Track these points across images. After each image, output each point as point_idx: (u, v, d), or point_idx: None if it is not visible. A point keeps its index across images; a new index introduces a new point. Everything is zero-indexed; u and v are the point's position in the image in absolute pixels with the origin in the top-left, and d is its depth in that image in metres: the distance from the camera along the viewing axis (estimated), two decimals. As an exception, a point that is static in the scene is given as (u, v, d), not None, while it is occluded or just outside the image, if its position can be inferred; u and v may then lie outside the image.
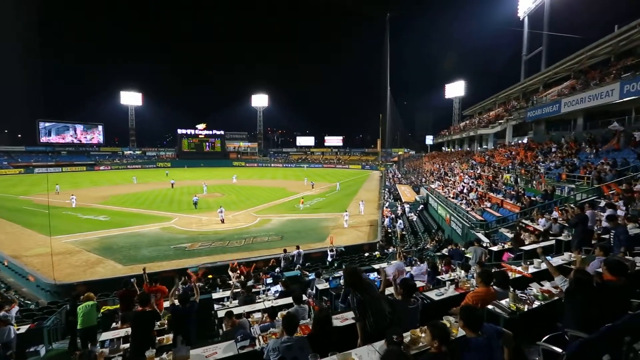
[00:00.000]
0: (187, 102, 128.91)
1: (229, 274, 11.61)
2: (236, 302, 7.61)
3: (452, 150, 52.85)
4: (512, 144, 29.39)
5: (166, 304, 7.03)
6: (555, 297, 4.16)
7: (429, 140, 77.65)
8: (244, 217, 24.35)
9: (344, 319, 4.23)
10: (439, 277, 7.04)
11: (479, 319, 2.92)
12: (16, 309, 6.84)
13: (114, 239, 18.63)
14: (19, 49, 75.09)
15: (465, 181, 24.29)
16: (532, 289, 4.46)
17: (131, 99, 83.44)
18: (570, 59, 23.56)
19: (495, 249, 9.65)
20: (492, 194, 18.56)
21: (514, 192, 16.29)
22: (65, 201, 27.78)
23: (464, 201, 19.95)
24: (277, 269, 12.86)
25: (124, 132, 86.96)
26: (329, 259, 14.81)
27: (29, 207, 27.40)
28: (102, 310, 7.96)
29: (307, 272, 11.07)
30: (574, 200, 12.14)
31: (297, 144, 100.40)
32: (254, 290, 8.38)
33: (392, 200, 32.08)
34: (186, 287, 8.77)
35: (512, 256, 8.45)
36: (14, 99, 79.78)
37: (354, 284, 3.66)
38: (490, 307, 3.90)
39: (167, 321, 5.92)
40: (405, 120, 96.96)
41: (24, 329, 6.89)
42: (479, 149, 39.65)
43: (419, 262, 8.57)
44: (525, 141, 27.73)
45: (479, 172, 24.93)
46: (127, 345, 5.09)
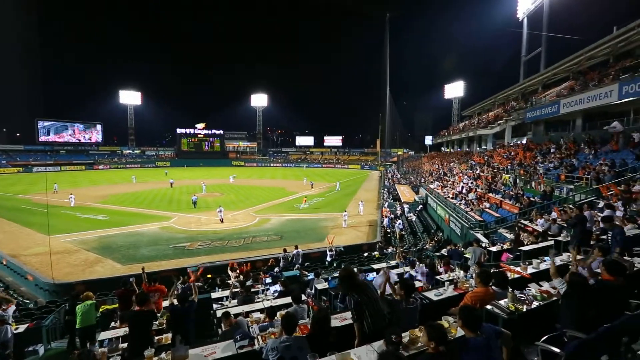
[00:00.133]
0: (187, 102, 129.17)
1: (229, 273, 11.61)
2: (235, 301, 7.60)
3: (451, 150, 52.91)
4: (511, 144, 29.42)
5: (165, 304, 7.04)
6: (554, 298, 4.17)
7: (428, 140, 77.81)
8: (243, 217, 24.33)
9: (343, 319, 4.23)
10: (438, 277, 7.06)
11: (478, 319, 2.93)
12: (13, 308, 6.81)
13: (112, 238, 18.60)
14: (18, 48, 75.35)
15: (464, 181, 24.32)
16: (530, 290, 4.47)
17: (130, 98, 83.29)
18: (569, 60, 23.61)
19: (494, 249, 9.68)
20: (491, 195, 18.60)
21: (512, 193, 16.32)
22: (64, 200, 27.71)
23: (463, 201, 19.98)
24: (276, 269, 12.86)
25: (123, 132, 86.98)
26: (328, 259, 14.81)
27: (27, 206, 27.33)
28: (100, 309, 7.94)
29: (306, 272, 11.07)
30: (573, 201, 12.17)
31: (297, 144, 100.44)
32: (253, 290, 8.37)
33: (391, 200, 32.11)
34: (184, 286, 8.76)
35: (511, 256, 8.48)
36: (13, 98, 79.84)
37: (349, 286, 3.67)
38: (489, 307, 3.91)
39: (166, 321, 5.92)
40: (404, 120, 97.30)
41: (22, 328, 6.87)
42: (478, 149, 39.71)
43: (418, 263, 8.59)
44: (524, 142, 27.77)
45: (478, 172, 24.97)
46: (126, 344, 5.08)
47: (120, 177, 51.59)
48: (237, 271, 11.74)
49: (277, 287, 8.38)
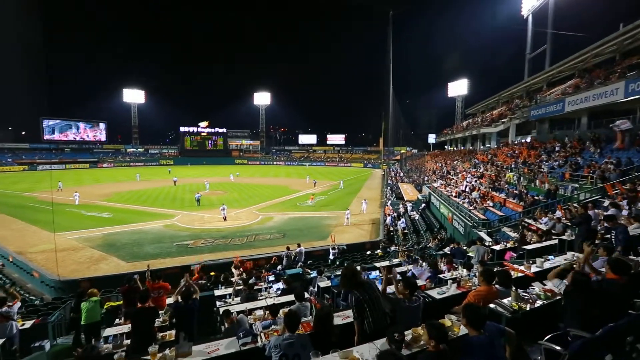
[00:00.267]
0: (190, 100, 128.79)
1: (232, 271, 11.65)
2: (238, 299, 7.64)
3: (455, 148, 52.67)
4: (516, 142, 29.25)
5: (169, 300, 7.09)
6: (557, 297, 4.15)
7: (432, 138, 77.29)
8: (246, 215, 24.41)
9: (346, 317, 4.24)
10: (441, 275, 7.05)
11: (483, 318, 2.93)
12: (18, 304, 6.91)
13: (117, 236, 18.75)
14: (23, 48, 75.62)
15: (467, 180, 24.22)
16: (534, 288, 4.45)
17: (134, 96, 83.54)
18: (574, 57, 23.37)
19: (497, 247, 9.64)
20: (494, 193, 18.50)
21: (516, 191, 16.23)
22: (68, 198, 27.95)
23: (467, 200, 19.91)
24: (279, 267, 12.91)
25: (127, 130, 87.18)
26: (331, 257, 14.83)
27: (33, 203, 27.63)
28: (105, 306, 8.03)
29: (309, 270, 11.10)
30: (578, 199, 12.08)
31: (300, 142, 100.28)
32: (256, 287, 8.41)
33: (394, 198, 32.04)
34: (187, 284, 8.80)
35: (515, 255, 8.44)
36: (19, 97, 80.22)
37: (352, 284, 3.69)
38: (492, 306, 3.90)
39: (169, 317, 5.96)
40: (407, 118, 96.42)
41: (29, 324, 6.97)
42: (482, 147, 39.50)
43: (420, 261, 8.58)
44: (528, 140, 27.58)
45: (481, 170, 24.84)
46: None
47: (124, 175, 51.91)
48: (241, 269, 11.78)
49: (280, 285, 8.41)
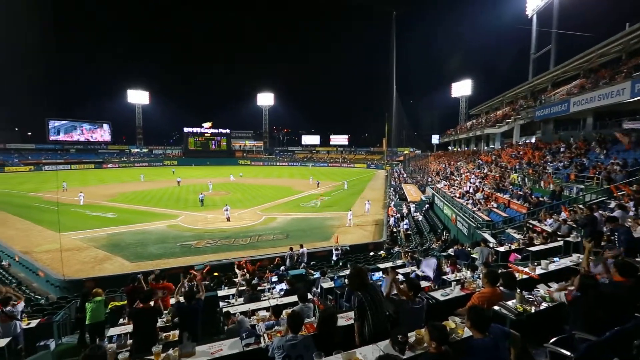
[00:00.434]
0: (194, 101, 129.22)
1: (236, 271, 11.69)
2: (241, 299, 7.66)
3: (459, 149, 52.41)
4: (520, 143, 29.04)
5: (173, 301, 7.11)
6: (563, 300, 4.11)
7: (435, 139, 77.07)
8: (250, 216, 24.46)
9: (349, 318, 4.23)
10: (445, 277, 7.01)
11: (488, 320, 2.91)
12: (22, 304, 6.99)
13: (121, 236, 18.87)
14: (30, 49, 76.45)
15: (471, 181, 24.09)
16: (539, 291, 4.42)
17: (138, 97, 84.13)
18: (580, 57, 23.15)
19: (501, 249, 9.58)
20: (498, 194, 18.39)
21: (521, 193, 16.12)
22: (73, 198, 28.16)
23: (470, 201, 19.80)
24: (282, 267, 12.92)
25: (131, 131, 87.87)
26: (334, 258, 14.82)
27: (38, 203, 27.89)
28: (110, 306, 8.07)
29: (312, 271, 11.09)
30: (583, 200, 11.97)
31: (303, 143, 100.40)
32: (259, 288, 8.42)
33: (397, 199, 31.96)
34: (191, 284, 8.84)
35: (519, 257, 8.38)
36: (25, 98, 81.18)
37: (357, 284, 3.69)
38: (496, 308, 3.88)
39: (171, 317, 5.98)
40: (411, 119, 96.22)
41: (34, 323, 7.02)
42: (486, 148, 39.26)
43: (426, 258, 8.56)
44: (533, 141, 27.38)
45: (485, 171, 24.71)
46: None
47: (128, 176, 52.26)
48: (244, 270, 11.81)
49: (283, 286, 8.42)
